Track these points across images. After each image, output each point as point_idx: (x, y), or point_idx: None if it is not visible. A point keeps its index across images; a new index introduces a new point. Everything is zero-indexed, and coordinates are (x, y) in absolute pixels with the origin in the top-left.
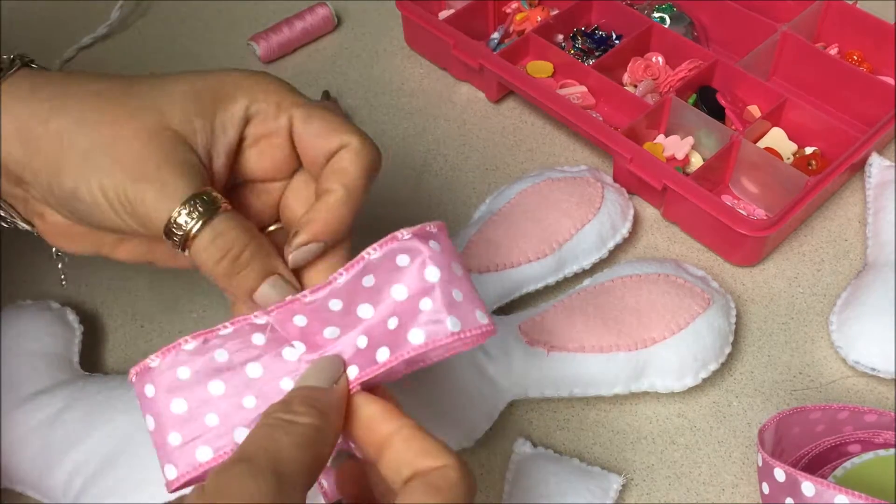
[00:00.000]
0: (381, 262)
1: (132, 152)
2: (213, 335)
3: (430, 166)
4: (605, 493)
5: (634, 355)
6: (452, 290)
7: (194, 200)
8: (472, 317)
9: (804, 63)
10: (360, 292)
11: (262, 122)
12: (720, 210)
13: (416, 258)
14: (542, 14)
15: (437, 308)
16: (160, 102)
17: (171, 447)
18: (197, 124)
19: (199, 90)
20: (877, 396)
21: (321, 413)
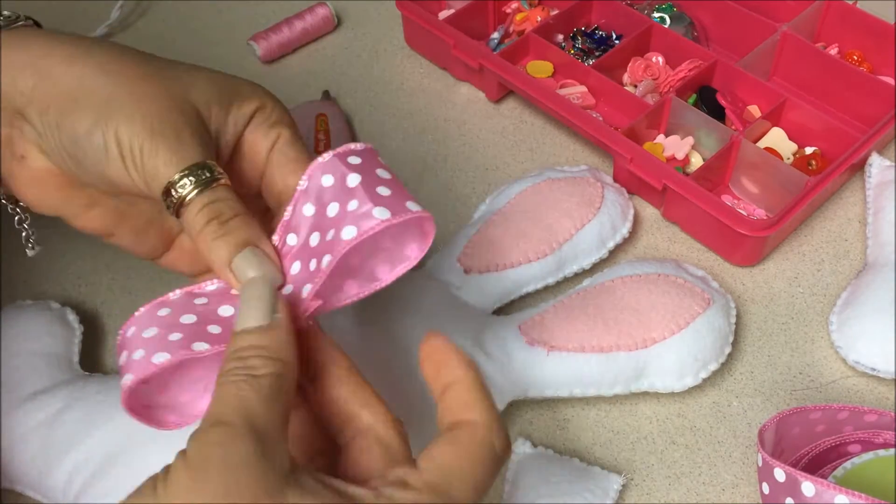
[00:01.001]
0: (311, 188)
1: (153, 108)
2: (199, 288)
3: (430, 166)
4: (605, 493)
5: (634, 355)
6: (377, 188)
7: (200, 168)
8: (402, 206)
9: (804, 63)
10: (306, 222)
11: (257, 129)
12: (720, 210)
13: (337, 173)
14: (542, 14)
15: (363, 203)
16: (184, 78)
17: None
18: (213, 110)
19: (220, 82)
20: (877, 396)
21: (277, 361)
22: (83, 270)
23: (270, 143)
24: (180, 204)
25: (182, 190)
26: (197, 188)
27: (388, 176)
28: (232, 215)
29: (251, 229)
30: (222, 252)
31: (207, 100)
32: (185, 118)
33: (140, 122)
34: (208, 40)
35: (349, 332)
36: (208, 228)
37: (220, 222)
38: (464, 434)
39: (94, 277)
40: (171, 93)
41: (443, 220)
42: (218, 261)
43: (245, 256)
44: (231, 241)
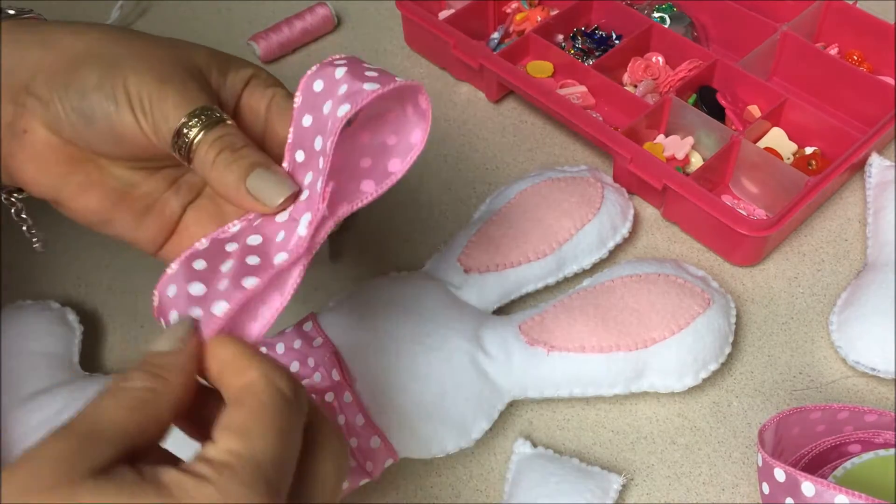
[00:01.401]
0: (306, 100)
1: (159, 62)
2: (223, 232)
3: (430, 166)
4: (605, 493)
5: (634, 355)
6: (364, 72)
7: (206, 111)
8: (391, 79)
9: (804, 63)
10: (307, 132)
11: (254, 92)
12: (720, 210)
13: (325, 76)
14: (542, 14)
15: (352, 84)
16: (184, 46)
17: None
18: (213, 74)
19: (218, 54)
20: (877, 396)
21: (155, 376)
22: (83, 270)
23: (267, 101)
24: (191, 145)
25: (191, 131)
26: (205, 128)
27: (374, 67)
28: (242, 145)
29: (261, 155)
30: (236, 174)
31: (208, 64)
32: (189, 73)
33: (148, 72)
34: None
35: (349, 332)
36: (220, 157)
37: (231, 150)
38: (246, 394)
39: (94, 277)
40: (175, 53)
41: (443, 220)
42: (233, 183)
43: (259, 174)
44: (244, 164)
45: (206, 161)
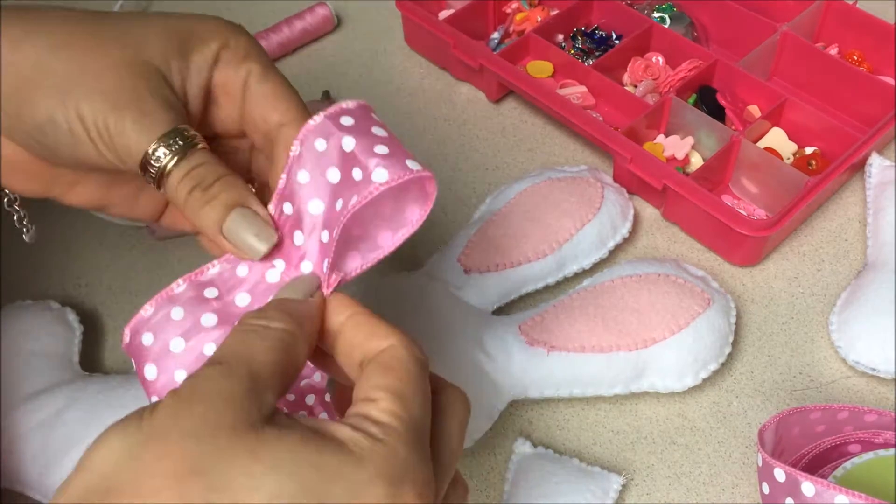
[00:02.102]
0: (305, 154)
1: (112, 81)
2: (201, 274)
3: (430, 166)
4: (605, 493)
5: (634, 355)
6: (374, 147)
7: (173, 135)
8: (402, 165)
9: (804, 63)
10: (301, 190)
11: (225, 68)
12: (720, 210)
13: (330, 137)
14: (542, 14)
15: (364, 168)
16: (137, 37)
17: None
18: (173, 65)
19: (176, 30)
20: (877, 396)
21: (294, 319)
22: (83, 270)
23: (242, 81)
24: (160, 177)
25: (158, 163)
26: (173, 157)
27: (384, 133)
28: (214, 179)
29: (236, 190)
30: (211, 219)
31: (164, 54)
32: (145, 83)
33: (100, 98)
34: None
35: None
36: (192, 197)
37: (202, 189)
38: (392, 359)
39: (94, 277)
40: (125, 59)
41: (443, 220)
42: (208, 228)
43: (235, 219)
44: (218, 205)
45: (177, 197)
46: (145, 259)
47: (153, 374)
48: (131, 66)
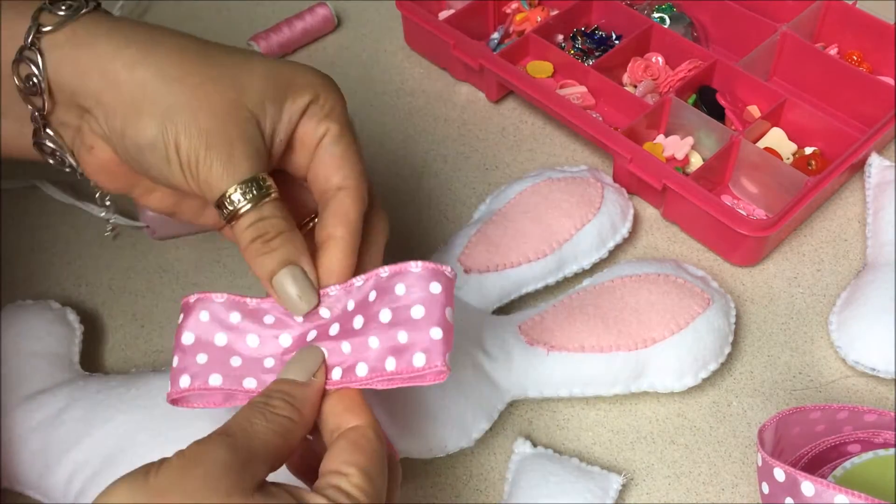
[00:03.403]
0: (386, 282)
1: (211, 121)
2: (241, 299)
3: (430, 166)
4: (605, 493)
5: (634, 355)
6: (432, 329)
7: (251, 183)
8: (439, 359)
9: (804, 63)
10: (364, 303)
11: (309, 121)
12: (720, 210)
13: (411, 293)
14: (542, 14)
15: (411, 342)
16: (241, 78)
17: (172, 367)
18: (269, 108)
19: (276, 76)
20: (877, 396)
21: (296, 409)
22: (83, 270)
23: (318, 138)
24: (232, 217)
25: (232, 206)
26: (249, 203)
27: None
28: (276, 234)
29: (293, 247)
30: (265, 268)
31: (261, 98)
32: (239, 128)
33: (197, 134)
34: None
35: None
36: (254, 245)
37: (264, 241)
38: (362, 438)
39: (94, 277)
40: (227, 100)
41: (443, 220)
42: (261, 275)
43: (285, 275)
44: (274, 258)
45: (242, 240)
46: (145, 259)
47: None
48: (230, 109)
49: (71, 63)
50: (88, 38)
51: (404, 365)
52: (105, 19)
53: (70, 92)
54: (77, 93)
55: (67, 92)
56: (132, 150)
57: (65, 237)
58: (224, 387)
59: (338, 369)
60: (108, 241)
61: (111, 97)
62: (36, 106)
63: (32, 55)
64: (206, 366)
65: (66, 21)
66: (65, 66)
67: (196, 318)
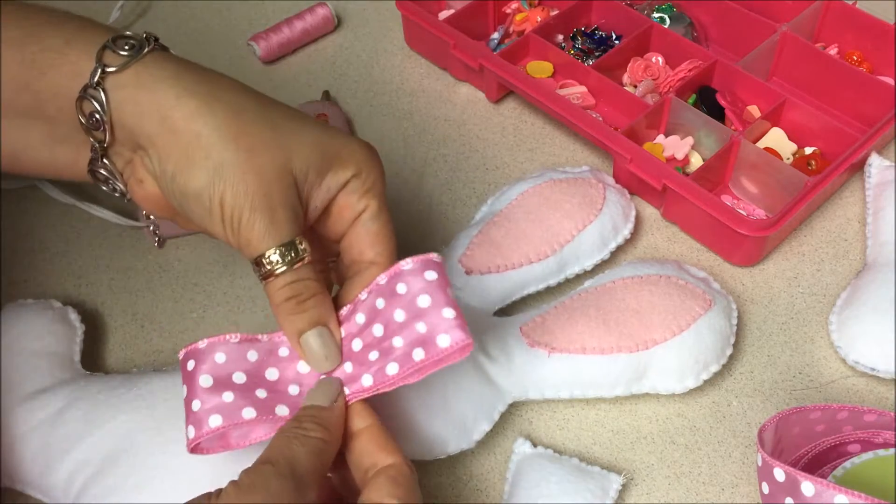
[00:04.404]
0: (388, 287)
1: (258, 182)
2: (253, 337)
3: (430, 166)
4: (605, 493)
5: (635, 357)
6: (443, 310)
7: (289, 246)
8: (460, 334)
9: (804, 63)
10: (375, 312)
11: (350, 195)
12: (720, 210)
13: (412, 287)
14: (542, 14)
15: (430, 329)
16: (291, 143)
17: (192, 411)
18: (311, 176)
19: (325, 146)
20: (877, 396)
21: (326, 429)
22: (84, 270)
23: (357, 212)
24: (268, 275)
25: (270, 266)
26: (283, 266)
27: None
28: (309, 296)
29: (324, 309)
30: (295, 327)
31: (305, 166)
32: (282, 192)
33: (244, 194)
34: (208, 40)
35: None
36: (287, 304)
37: (297, 301)
38: (399, 474)
39: (95, 277)
40: (275, 164)
41: (443, 221)
42: (290, 333)
43: (313, 336)
44: (304, 318)
45: (275, 299)
46: (145, 259)
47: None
48: (277, 173)
49: (132, 104)
50: (152, 81)
51: (432, 350)
52: (169, 63)
53: (129, 130)
54: (135, 132)
55: (127, 130)
56: (178, 196)
57: (65, 237)
58: (259, 418)
59: (368, 376)
60: (108, 241)
61: (166, 142)
62: (98, 139)
63: (97, 94)
64: (236, 402)
65: (130, 61)
66: (126, 106)
67: (212, 361)
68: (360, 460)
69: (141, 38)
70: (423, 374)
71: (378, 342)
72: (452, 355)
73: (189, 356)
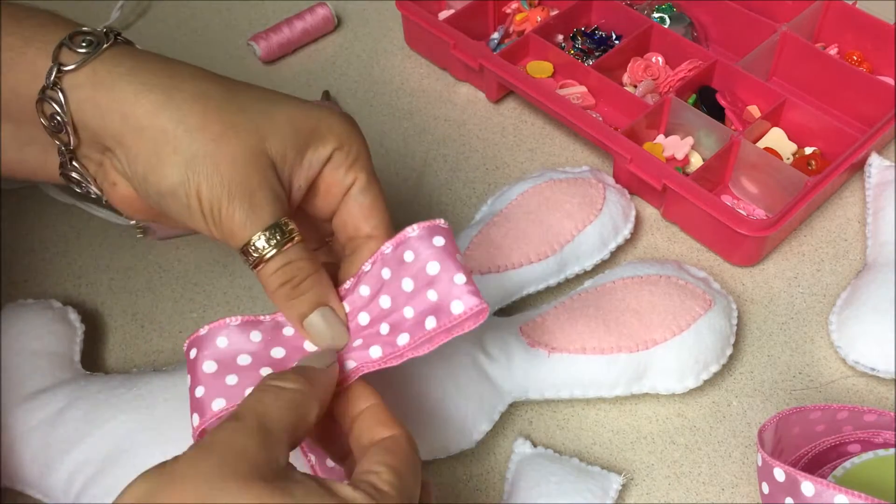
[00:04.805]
0: (394, 256)
1: (233, 169)
2: (255, 318)
3: (430, 166)
4: (605, 493)
5: (635, 357)
6: (454, 276)
7: (274, 228)
8: (473, 300)
9: (804, 63)
10: (380, 283)
11: (335, 170)
12: (720, 210)
13: (420, 254)
14: (542, 14)
15: (442, 296)
16: (263, 124)
17: (196, 398)
18: (289, 155)
19: (299, 123)
20: (877, 396)
21: (307, 381)
22: (84, 270)
23: (346, 187)
24: (257, 263)
25: (257, 252)
26: (273, 249)
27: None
28: (304, 277)
29: (322, 288)
30: (297, 311)
31: (282, 146)
32: (260, 175)
33: (219, 184)
34: (208, 40)
35: None
36: (283, 290)
37: (292, 285)
38: (396, 446)
39: (95, 277)
40: (248, 148)
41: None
42: (292, 318)
43: (317, 318)
44: (305, 302)
45: (269, 285)
46: (145, 259)
47: (188, 382)
48: (251, 157)
49: (92, 104)
50: (109, 78)
51: (445, 318)
52: (126, 58)
53: (93, 131)
54: (99, 133)
55: (90, 131)
56: (153, 195)
57: (65, 237)
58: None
59: (376, 347)
60: (109, 240)
61: (132, 141)
62: (63, 142)
63: (55, 94)
64: (240, 384)
65: (87, 59)
66: (86, 107)
67: (214, 346)
68: (361, 439)
69: (100, 34)
70: (434, 345)
71: (387, 314)
72: (467, 321)
73: (192, 345)
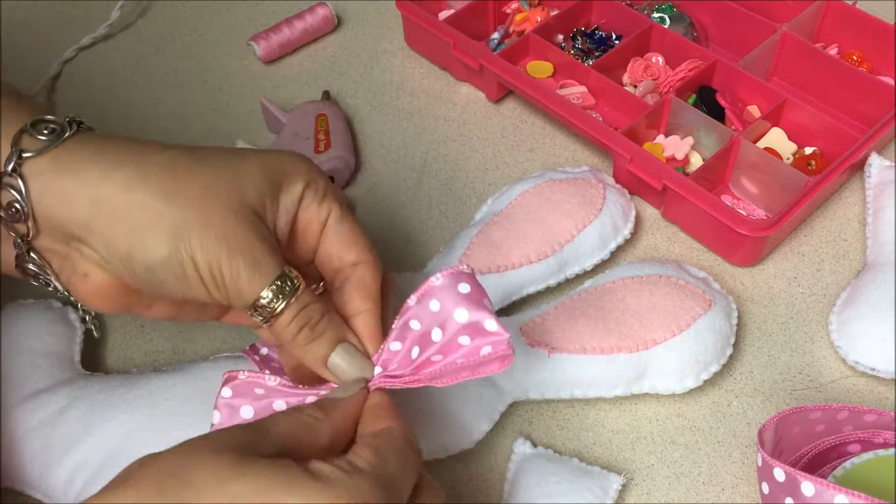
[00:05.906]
0: (421, 308)
1: (223, 227)
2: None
3: (430, 166)
4: (605, 493)
5: (635, 357)
6: (485, 321)
7: (281, 279)
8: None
9: (804, 63)
10: (412, 335)
11: (308, 207)
12: (720, 210)
13: (445, 302)
14: (542, 14)
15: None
16: (237, 179)
17: None
18: (267, 205)
19: (266, 169)
20: (877, 396)
21: (322, 410)
22: None
23: (322, 220)
24: (270, 317)
25: (270, 306)
26: (282, 302)
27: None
28: (319, 317)
29: (338, 326)
30: (318, 355)
31: (261, 196)
32: (251, 228)
33: (214, 244)
34: (208, 40)
35: None
36: (301, 335)
37: (310, 328)
38: (386, 433)
39: None
40: (232, 204)
41: (443, 221)
42: (314, 363)
43: (339, 354)
44: (324, 342)
45: (286, 335)
46: None
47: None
48: (238, 211)
49: (56, 191)
50: (73, 163)
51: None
52: (90, 141)
53: (57, 221)
54: (64, 222)
55: (54, 221)
56: (141, 272)
57: None
58: None
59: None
60: None
61: (105, 224)
62: (19, 233)
63: (14, 181)
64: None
65: (49, 146)
66: (49, 195)
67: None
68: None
69: (62, 122)
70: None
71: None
72: (492, 364)
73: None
